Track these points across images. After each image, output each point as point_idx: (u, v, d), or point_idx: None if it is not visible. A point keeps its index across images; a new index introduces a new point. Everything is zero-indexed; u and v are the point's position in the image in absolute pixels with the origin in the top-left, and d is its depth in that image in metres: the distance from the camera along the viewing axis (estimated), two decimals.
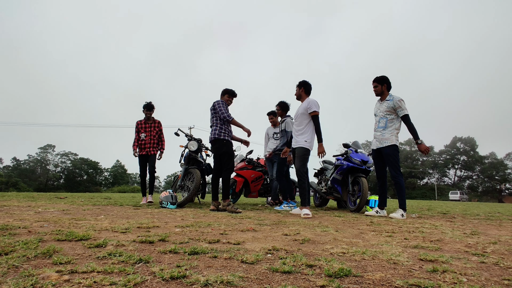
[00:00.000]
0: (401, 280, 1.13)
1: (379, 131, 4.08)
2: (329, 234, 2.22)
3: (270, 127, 5.83)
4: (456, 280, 1.14)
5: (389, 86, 4.09)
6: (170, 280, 1.06)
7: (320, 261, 1.36)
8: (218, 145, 4.28)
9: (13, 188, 34.96)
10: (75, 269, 1.12)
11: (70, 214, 3.15)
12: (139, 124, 5.60)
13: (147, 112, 5.54)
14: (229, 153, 4.29)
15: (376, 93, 4.14)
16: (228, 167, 4.23)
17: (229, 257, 1.41)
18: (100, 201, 5.75)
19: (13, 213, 3.04)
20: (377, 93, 4.13)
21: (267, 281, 1.09)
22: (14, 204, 4.36)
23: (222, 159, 4.27)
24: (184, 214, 3.45)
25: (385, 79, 4.09)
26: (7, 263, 1.17)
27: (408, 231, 2.49)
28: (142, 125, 5.57)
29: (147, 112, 5.54)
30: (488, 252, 1.70)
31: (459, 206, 10.51)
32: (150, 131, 5.55)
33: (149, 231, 2.07)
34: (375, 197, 4.68)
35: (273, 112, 5.78)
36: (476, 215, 5.10)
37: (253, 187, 6.12)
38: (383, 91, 4.09)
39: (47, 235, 1.78)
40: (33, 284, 0.96)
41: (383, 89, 4.08)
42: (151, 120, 5.61)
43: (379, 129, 4.07)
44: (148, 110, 5.54)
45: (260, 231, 2.26)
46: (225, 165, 4.24)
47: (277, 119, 5.71)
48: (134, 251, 1.46)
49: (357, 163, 4.89)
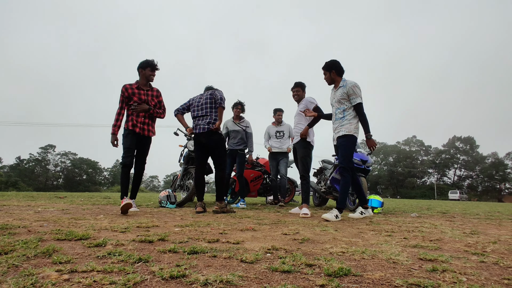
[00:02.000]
0: (400, 279, 1.13)
1: (336, 122, 3.60)
2: (329, 233, 2.22)
3: (272, 126, 5.80)
4: (456, 280, 1.14)
5: (340, 71, 3.60)
6: (169, 280, 1.06)
7: (319, 261, 1.36)
8: (216, 138, 3.78)
9: (12, 188, 34.92)
10: (75, 269, 1.12)
11: (69, 213, 3.15)
12: (129, 89, 3.66)
13: (150, 73, 3.76)
14: (225, 149, 3.97)
15: (327, 82, 3.70)
16: (224, 165, 3.90)
17: (229, 256, 1.41)
18: (100, 201, 5.74)
19: (13, 212, 3.04)
20: (327, 81, 3.69)
21: (267, 280, 1.09)
22: (14, 203, 4.36)
23: (215, 154, 3.84)
24: (183, 214, 3.45)
25: (333, 64, 3.61)
26: (7, 262, 1.17)
27: (407, 231, 2.49)
28: (135, 91, 3.67)
29: (150, 73, 3.76)
30: (488, 252, 1.70)
31: (458, 205, 10.52)
32: (148, 102, 3.77)
33: (149, 231, 2.07)
34: (374, 197, 4.68)
35: (280, 109, 5.76)
36: (476, 214, 5.10)
37: (252, 186, 6.12)
38: (333, 78, 3.62)
39: (46, 235, 1.78)
40: (33, 283, 0.96)
41: (333, 76, 3.61)
42: (148, 87, 3.83)
43: (337, 120, 3.58)
44: (152, 70, 3.77)
45: (259, 231, 2.26)
46: (220, 162, 3.84)
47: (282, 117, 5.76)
48: (133, 250, 1.46)
49: (356, 163, 4.89)
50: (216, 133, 3.79)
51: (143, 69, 3.73)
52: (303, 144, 4.19)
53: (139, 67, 3.74)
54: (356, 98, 3.43)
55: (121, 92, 3.65)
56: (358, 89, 3.45)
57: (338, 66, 3.61)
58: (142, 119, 3.70)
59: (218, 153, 3.84)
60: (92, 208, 3.98)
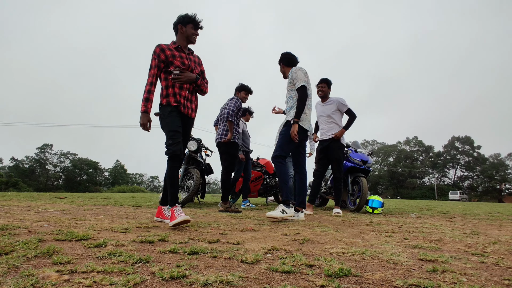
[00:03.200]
0: (400, 280, 1.13)
1: (288, 112, 3.43)
2: (329, 234, 2.22)
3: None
4: (456, 280, 1.14)
5: (288, 62, 3.48)
6: (169, 280, 1.06)
7: (319, 261, 1.36)
8: (224, 147, 4.19)
9: (13, 188, 34.95)
10: (75, 269, 1.12)
11: (70, 214, 3.15)
12: (167, 50, 2.61)
13: (192, 31, 2.71)
14: (228, 153, 4.21)
15: (282, 75, 3.58)
16: (230, 168, 4.21)
17: (229, 257, 1.41)
18: (100, 201, 5.75)
19: (13, 213, 3.04)
20: (283, 75, 3.57)
21: (267, 281, 1.09)
22: (14, 204, 4.36)
23: (222, 158, 4.25)
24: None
25: (283, 57, 3.52)
26: (7, 263, 1.17)
27: (408, 231, 2.49)
28: (175, 53, 2.63)
29: (192, 31, 2.71)
30: (488, 252, 1.70)
31: (459, 206, 10.51)
32: (193, 70, 2.73)
33: (149, 231, 2.07)
34: (375, 197, 4.68)
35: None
36: (476, 215, 5.10)
37: (252, 187, 6.12)
38: (284, 70, 3.52)
39: (47, 235, 1.78)
40: (33, 284, 0.96)
41: (284, 68, 3.51)
42: (189, 50, 2.81)
43: (287, 110, 3.44)
44: (195, 27, 2.73)
45: (259, 231, 2.26)
46: (225, 165, 4.20)
47: None
48: (133, 251, 1.46)
49: (356, 163, 4.89)
50: (227, 143, 4.16)
51: (183, 26, 2.70)
52: (339, 145, 4.33)
53: (177, 23, 2.72)
54: (299, 81, 3.23)
55: (155, 54, 2.58)
56: (301, 72, 3.27)
57: (286, 58, 3.50)
58: (186, 92, 2.69)
59: (225, 157, 4.21)
60: (93, 208, 3.98)
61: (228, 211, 3.97)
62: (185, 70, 2.64)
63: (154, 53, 2.59)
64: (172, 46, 2.67)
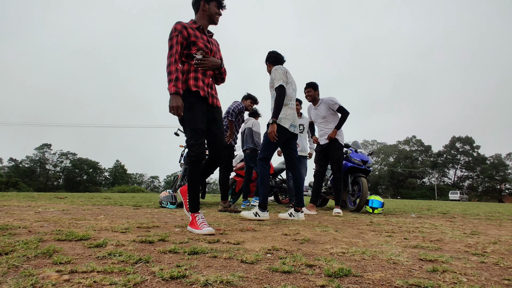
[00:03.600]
0: (401, 280, 1.13)
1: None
2: (329, 234, 2.22)
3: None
4: (456, 280, 1.14)
5: (272, 60, 3.48)
6: (170, 280, 1.06)
7: (319, 261, 1.36)
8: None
9: (13, 188, 34.96)
10: (75, 269, 1.12)
11: (70, 214, 3.15)
12: (189, 28, 2.28)
13: (216, 10, 2.40)
14: (231, 154, 4.30)
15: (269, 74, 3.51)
16: (228, 168, 4.24)
17: (229, 257, 1.41)
18: (100, 201, 5.75)
19: (13, 213, 3.04)
20: (269, 74, 3.50)
21: (267, 281, 1.09)
22: (14, 204, 4.36)
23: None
24: (183, 214, 3.45)
25: (269, 55, 3.51)
26: (7, 263, 1.17)
27: (408, 231, 2.49)
28: (197, 34, 2.31)
29: (216, 10, 2.40)
30: (488, 252, 1.70)
31: (459, 206, 10.51)
32: (215, 55, 2.43)
33: (149, 231, 2.07)
34: (375, 197, 4.68)
35: (298, 99, 5.28)
36: (476, 215, 5.10)
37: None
38: (270, 69, 3.49)
39: (47, 235, 1.78)
40: (33, 284, 0.96)
41: (270, 67, 3.49)
42: (210, 33, 2.50)
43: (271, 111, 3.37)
44: (219, 6, 2.41)
45: (259, 231, 2.26)
46: (224, 165, 4.21)
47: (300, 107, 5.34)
48: (134, 251, 1.46)
49: (357, 163, 4.89)
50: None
51: (206, 3, 2.35)
52: (338, 145, 4.33)
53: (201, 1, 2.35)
54: (276, 81, 3.19)
55: (175, 31, 2.21)
56: (277, 72, 3.23)
57: (270, 57, 3.49)
58: (209, 80, 2.36)
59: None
60: (93, 208, 3.98)
61: (227, 211, 4.00)
62: (208, 55, 2.33)
63: (175, 30, 2.22)
64: (193, 26, 2.33)
